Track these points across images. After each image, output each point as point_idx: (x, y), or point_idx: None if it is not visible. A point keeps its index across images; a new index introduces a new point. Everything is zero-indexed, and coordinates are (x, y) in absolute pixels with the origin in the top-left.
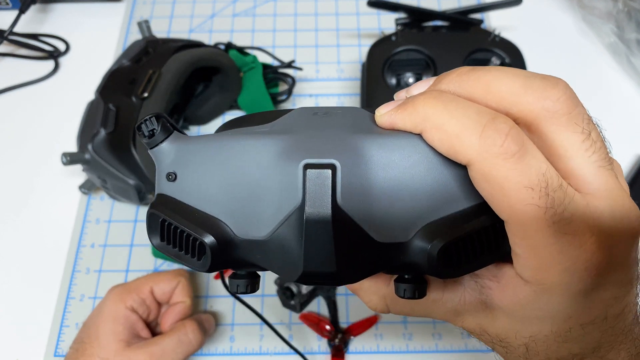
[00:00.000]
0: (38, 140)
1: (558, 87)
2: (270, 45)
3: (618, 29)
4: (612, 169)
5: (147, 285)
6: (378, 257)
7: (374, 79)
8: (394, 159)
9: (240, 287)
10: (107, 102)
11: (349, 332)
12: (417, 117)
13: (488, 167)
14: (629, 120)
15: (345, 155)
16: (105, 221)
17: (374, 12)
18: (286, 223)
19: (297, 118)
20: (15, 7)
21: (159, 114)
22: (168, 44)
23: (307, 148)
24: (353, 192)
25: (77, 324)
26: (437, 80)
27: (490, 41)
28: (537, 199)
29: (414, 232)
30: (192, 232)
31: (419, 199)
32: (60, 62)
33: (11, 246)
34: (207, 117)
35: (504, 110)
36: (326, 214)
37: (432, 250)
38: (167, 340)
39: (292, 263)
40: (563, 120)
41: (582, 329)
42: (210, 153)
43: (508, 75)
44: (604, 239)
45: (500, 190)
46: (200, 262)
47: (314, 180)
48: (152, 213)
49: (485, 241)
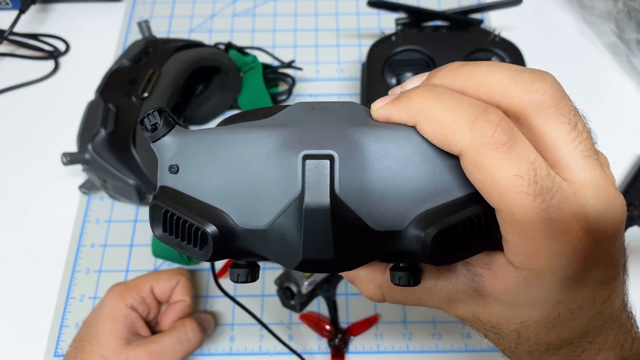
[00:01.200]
0: (38, 140)
1: (545, 81)
2: (270, 45)
3: (618, 29)
4: (597, 159)
5: (147, 284)
6: (374, 245)
7: (374, 79)
8: (390, 150)
9: (241, 276)
10: (107, 102)
11: (349, 332)
12: (411, 110)
13: (479, 156)
14: (629, 120)
15: (342, 147)
16: (105, 221)
17: (374, 12)
18: (286, 212)
19: (295, 112)
20: (15, 7)
21: (161, 109)
22: (168, 44)
23: (306, 140)
24: (350, 182)
25: (77, 324)
26: (431, 75)
27: (490, 41)
28: (526, 187)
29: (409, 220)
30: (194, 222)
31: (413, 189)
32: (60, 62)
33: (11, 246)
34: (207, 117)
35: (494, 103)
36: (325, 202)
37: (426, 238)
38: (166, 339)
39: (292, 251)
40: (550, 112)
41: (571, 314)
42: (211, 145)
43: (498, 69)
44: (590, 225)
45: (490, 178)
46: (202, 251)
47: (312, 170)
48: (154, 204)
49: (477, 229)
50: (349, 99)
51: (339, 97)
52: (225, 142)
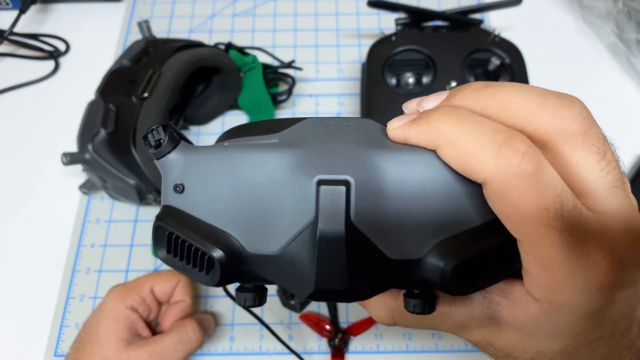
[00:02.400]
0: (38, 140)
1: (574, 107)
2: (270, 45)
3: (618, 29)
4: (625, 189)
5: (148, 285)
6: (389, 273)
7: (374, 79)
8: (408, 176)
9: (248, 301)
10: (107, 102)
11: (349, 332)
12: (432, 133)
13: (503, 186)
14: (629, 120)
15: (358, 171)
16: (105, 221)
17: (374, 12)
18: (298, 239)
19: (307, 130)
20: (15, 7)
21: (166, 124)
22: (168, 44)
23: (320, 163)
24: (366, 208)
25: (77, 324)
26: (451, 94)
27: (490, 41)
28: (551, 220)
29: (427, 249)
30: (201, 247)
31: (432, 216)
32: (60, 62)
33: (11, 246)
34: (207, 117)
35: (518, 128)
36: (340, 231)
37: (445, 269)
38: (167, 339)
39: (304, 279)
40: (579, 141)
41: (590, 346)
42: (219, 165)
43: (523, 92)
44: (616, 259)
45: (515, 210)
46: (209, 276)
47: (327, 197)
48: (158, 225)
49: (497, 258)
50: (349, 98)
51: (339, 97)
52: (234, 162)
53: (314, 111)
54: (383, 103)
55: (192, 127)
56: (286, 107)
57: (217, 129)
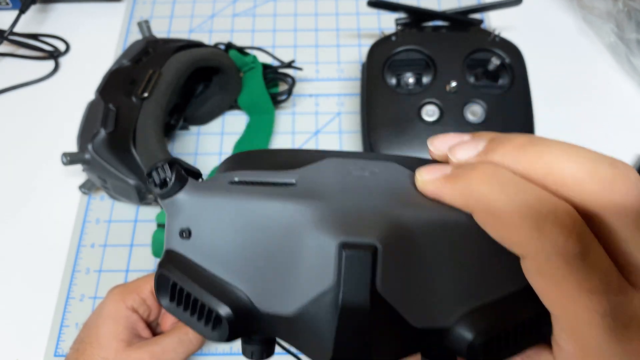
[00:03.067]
0: (38, 140)
1: (629, 180)
2: (270, 45)
3: (618, 29)
4: None
5: (148, 285)
6: (412, 341)
7: (374, 79)
8: (439, 238)
9: (256, 354)
10: (107, 102)
11: None
12: (470, 196)
13: (545, 264)
14: (629, 120)
15: (386, 234)
16: (105, 221)
17: (374, 12)
18: (316, 303)
19: (328, 174)
20: (15, 7)
21: (173, 160)
22: (168, 44)
23: (344, 221)
24: (393, 275)
25: (77, 324)
26: (490, 147)
27: (490, 41)
28: (595, 303)
29: (455, 317)
30: (207, 303)
31: (462, 283)
32: (60, 62)
33: (11, 246)
34: (207, 117)
35: (564, 196)
36: (364, 301)
37: (475, 343)
38: (167, 340)
39: (321, 346)
40: (630, 217)
41: None
42: (231, 211)
43: (573, 156)
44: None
45: (556, 289)
46: (215, 332)
47: (351, 263)
48: (161, 274)
49: (527, 329)
50: (349, 98)
51: (339, 97)
52: (247, 209)
53: (314, 111)
54: (383, 103)
55: (192, 127)
56: (286, 107)
57: (217, 129)
